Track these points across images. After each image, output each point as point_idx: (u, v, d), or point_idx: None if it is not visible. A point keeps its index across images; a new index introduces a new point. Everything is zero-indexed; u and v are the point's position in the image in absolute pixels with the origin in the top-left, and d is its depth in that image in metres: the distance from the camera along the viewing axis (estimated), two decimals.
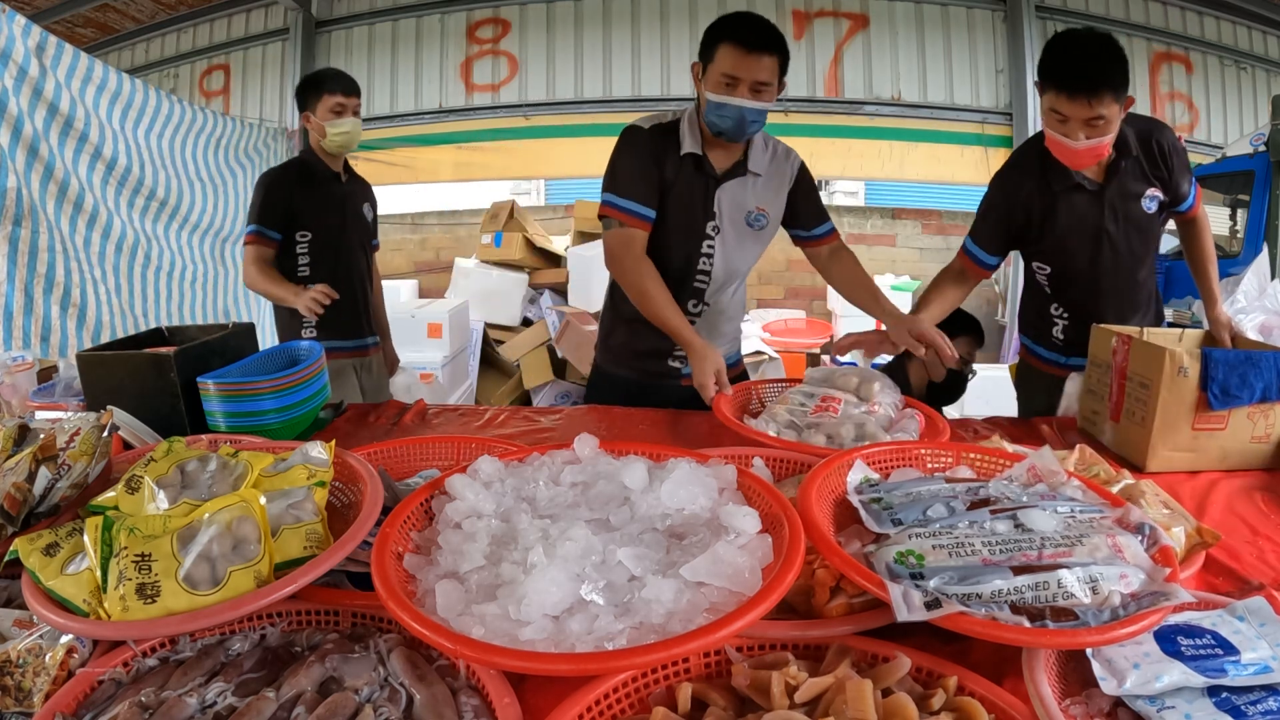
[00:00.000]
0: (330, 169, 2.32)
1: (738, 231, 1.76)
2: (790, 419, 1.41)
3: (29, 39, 2.55)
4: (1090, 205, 1.68)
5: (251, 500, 0.87)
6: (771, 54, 1.57)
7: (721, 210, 1.72)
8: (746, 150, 1.73)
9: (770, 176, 1.77)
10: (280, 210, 2.22)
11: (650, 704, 0.72)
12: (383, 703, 0.73)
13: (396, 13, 5.41)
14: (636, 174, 1.68)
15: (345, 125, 2.24)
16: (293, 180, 2.26)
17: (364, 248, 2.46)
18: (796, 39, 5.04)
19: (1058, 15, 4.97)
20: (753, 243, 1.80)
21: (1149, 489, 1.10)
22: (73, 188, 2.78)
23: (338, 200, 2.34)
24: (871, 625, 0.80)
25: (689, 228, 1.73)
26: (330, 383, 2.23)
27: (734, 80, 1.56)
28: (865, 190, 5.93)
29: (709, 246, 1.74)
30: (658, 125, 1.72)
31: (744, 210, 1.75)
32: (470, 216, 5.56)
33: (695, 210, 1.71)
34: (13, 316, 2.51)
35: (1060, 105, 1.48)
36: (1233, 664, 0.73)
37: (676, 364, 1.84)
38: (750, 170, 1.73)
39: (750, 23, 1.57)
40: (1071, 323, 1.84)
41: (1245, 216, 4.13)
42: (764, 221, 1.78)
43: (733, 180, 1.72)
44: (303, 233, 2.27)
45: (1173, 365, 1.33)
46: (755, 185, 1.75)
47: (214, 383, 1.42)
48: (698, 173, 1.70)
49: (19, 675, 0.77)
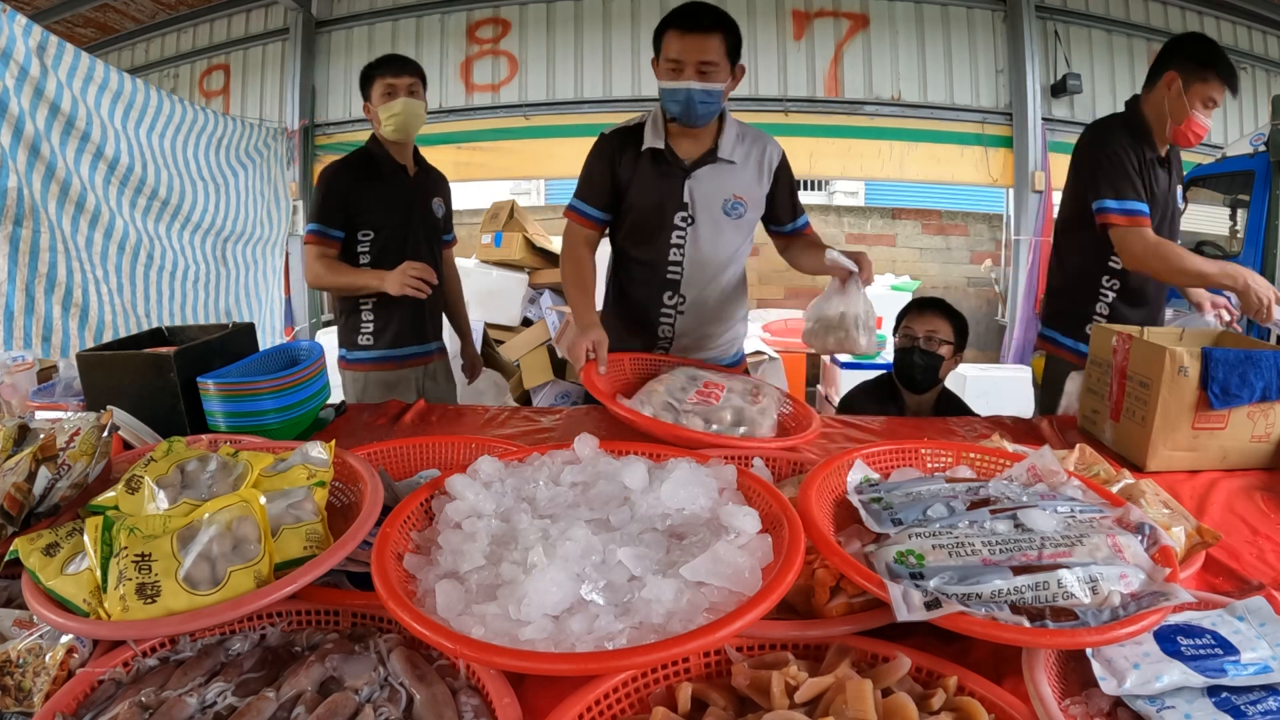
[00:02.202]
0: (395, 160, 2.16)
1: (714, 220, 1.76)
2: (668, 400, 1.41)
3: (30, 38, 2.55)
4: (1164, 179, 1.90)
5: (251, 500, 0.87)
6: (713, 33, 1.59)
7: (694, 199, 1.74)
8: (717, 138, 1.74)
9: (746, 164, 1.77)
10: (340, 207, 2.08)
11: (650, 704, 0.72)
12: (383, 703, 0.73)
13: (396, 13, 5.40)
14: (589, 177, 1.80)
15: (396, 106, 2.07)
16: (354, 174, 2.12)
17: (432, 246, 2.28)
18: (796, 39, 5.04)
19: (1058, 15, 4.97)
20: (732, 232, 1.80)
21: (1149, 488, 1.10)
22: (74, 187, 2.78)
23: (403, 195, 2.17)
24: (871, 625, 0.80)
25: (655, 220, 1.76)
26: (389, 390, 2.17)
27: (678, 64, 1.60)
28: (865, 190, 5.94)
29: (679, 237, 1.76)
30: (621, 128, 1.78)
31: (720, 198, 1.76)
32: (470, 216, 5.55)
33: (661, 202, 1.75)
34: (14, 316, 2.51)
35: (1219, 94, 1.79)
36: (1233, 664, 0.73)
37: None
38: (722, 158, 1.74)
39: (692, 7, 1.61)
40: (1119, 300, 1.91)
41: (1245, 216, 4.12)
42: (742, 209, 1.78)
43: (704, 168, 1.73)
44: (365, 231, 2.12)
45: (1173, 364, 1.33)
46: (730, 173, 1.75)
47: (214, 383, 1.42)
48: (661, 165, 1.73)
49: (19, 675, 0.77)
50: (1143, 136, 1.85)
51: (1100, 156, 1.83)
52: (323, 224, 2.08)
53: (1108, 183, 1.80)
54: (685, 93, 1.60)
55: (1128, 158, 1.81)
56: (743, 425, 1.38)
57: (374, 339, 2.19)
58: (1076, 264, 1.97)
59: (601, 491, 0.96)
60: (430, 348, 2.31)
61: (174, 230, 3.53)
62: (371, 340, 2.19)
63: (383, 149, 2.16)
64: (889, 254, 5.56)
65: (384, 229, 2.13)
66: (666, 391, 1.44)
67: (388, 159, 2.15)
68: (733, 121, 1.76)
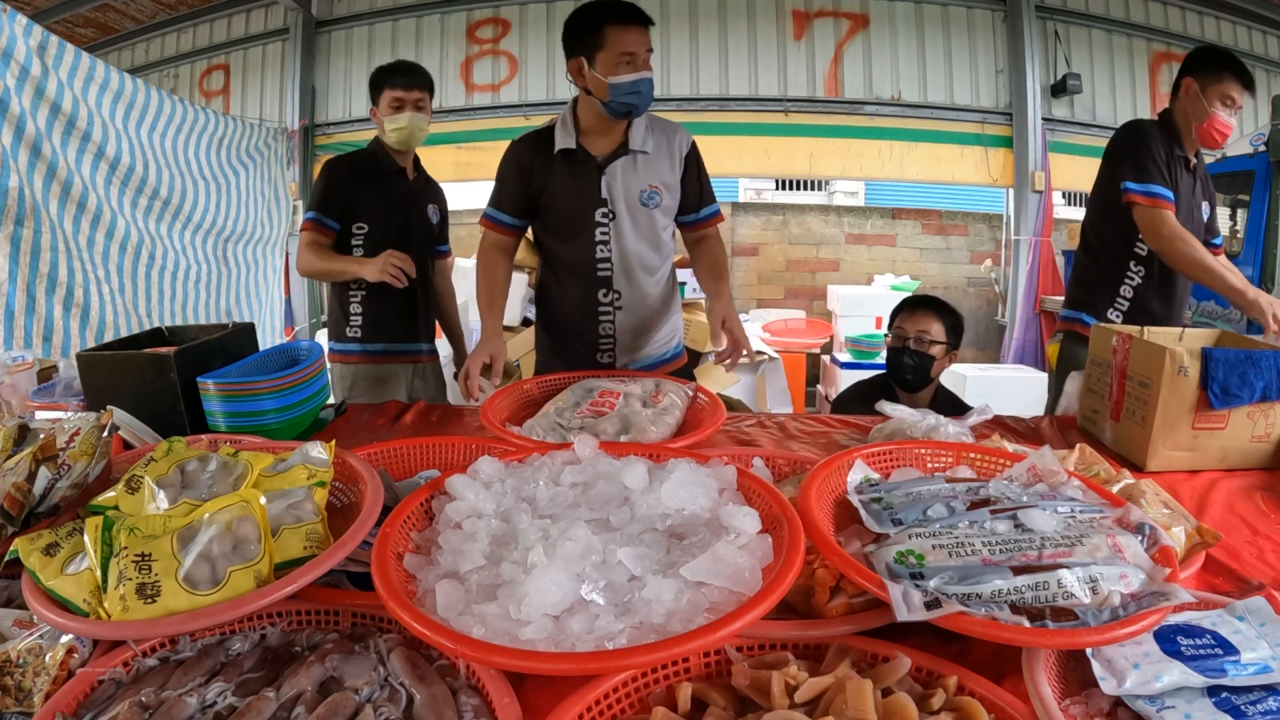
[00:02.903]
0: (395, 163, 2.22)
1: (633, 213, 1.79)
2: (556, 421, 1.40)
3: (30, 38, 2.55)
4: (1192, 180, 2.04)
5: (251, 500, 0.87)
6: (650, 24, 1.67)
7: (612, 194, 1.76)
8: (627, 131, 1.76)
9: (658, 153, 1.79)
10: (340, 199, 2.14)
11: (650, 704, 0.72)
12: (383, 703, 0.73)
13: (396, 13, 5.40)
14: (501, 184, 1.83)
15: (401, 120, 2.13)
16: (356, 170, 2.18)
17: (424, 250, 2.30)
18: (796, 39, 5.04)
19: (1058, 15, 4.96)
20: (653, 222, 1.82)
21: (1149, 488, 1.10)
22: (75, 187, 2.78)
23: (400, 197, 2.22)
24: (871, 625, 0.80)
25: (578, 218, 1.78)
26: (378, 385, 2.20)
27: (632, 55, 1.63)
28: (865, 190, 5.93)
29: (603, 234, 1.78)
30: (530, 134, 1.81)
31: (636, 189, 1.78)
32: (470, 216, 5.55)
33: (581, 201, 1.77)
34: (15, 316, 2.51)
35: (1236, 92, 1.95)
36: (1232, 664, 0.73)
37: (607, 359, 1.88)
38: (633, 149, 1.76)
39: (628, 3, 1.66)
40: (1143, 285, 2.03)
41: (1245, 216, 4.12)
42: (659, 199, 1.80)
43: (617, 162, 1.75)
44: (359, 225, 2.17)
45: (1173, 364, 1.33)
46: (643, 163, 1.78)
47: (214, 383, 1.42)
48: (575, 165, 1.75)
49: (19, 675, 0.77)
50: (1173, 135, 2.00)
51: (1131, 141, 1.99)
52: (320, 213, 2.12)
53: (1133, 165, 1.94)
54: (648, 82, 1.65)
55: (1155, 148, 1.95)
56: (627, 433, 1.35)
57: (361, 331, 2.21)
58: (1105, 248, 2.08)
59: (601, 492, 0.96)
60: (419, 348, 2.33)
61: (174, 230, 3.53)
62: (359, 333, 2.21)
63: (385, 151, 2.21)
64: (889, 254, 5.56)
65: (378, 224, 2.17)
66: (556, 412, 1.43)
67: (389, 160, 2.21)
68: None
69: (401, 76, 2.17)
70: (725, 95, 4.99)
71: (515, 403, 1.60)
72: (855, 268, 5.56)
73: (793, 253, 5.59)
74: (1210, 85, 1.94)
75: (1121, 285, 2.05)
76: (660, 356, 1.93)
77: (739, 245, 5.56)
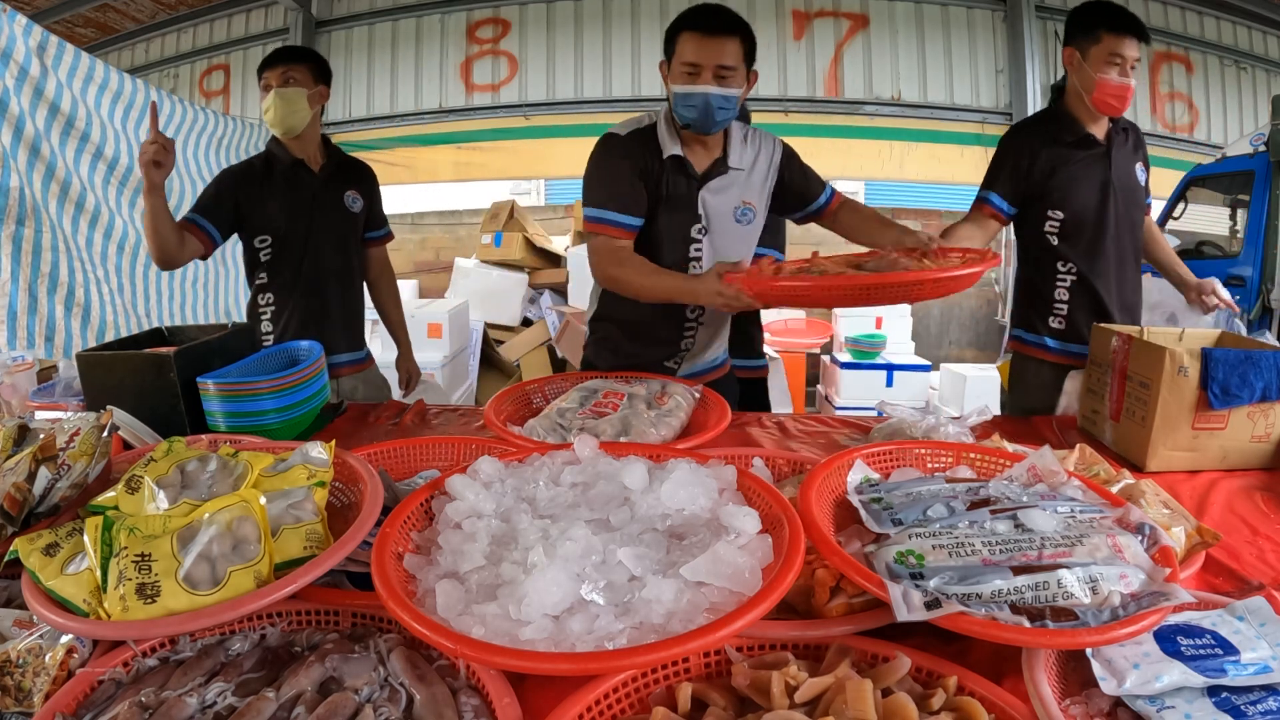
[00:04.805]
0: (291, 155, 2.01)
1: (726, 229, 1.72)
2: (557, 422, 1.39)
3: (30, 38, 2.55)
4: (1099, 159, 1.86)
5: (251, 500, 0.87)
6: (731, 36, 1.53)
7: (707, 211, 1.69)
8: (725, 146, 1.69)
9: (754, 170, 1.73)
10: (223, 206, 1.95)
11: (650, 704, 0.72)
12: (383, 703, 0.73)
13: (396, 13, 5.41)
14: (624, 183, 1.63)
15: (266, 102, 1.93)
16: (250, 178, 1.99)
17: (344, 243, 2.11)
18: (796, 39, 5.04)
19: (1058, 15, 4.96)
20: (743, 238, 1.76)
21: (1149, 489, 1.10)
22: (74, 187, 2.78)
23: (303, 192, 2.02)
24: (871, 625, 0.80)
25: (676, 232, 1.69)
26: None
27: (696, 67, 1.53)
28: (865, 190, 5.92)
29: (696, 250, 1.71)
30: (636, 131, 1.67)
31: (731, 207, 1.71)
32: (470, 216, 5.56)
33: (681, 214, 1.68)
34: (17, 316, 2.51)
35: (1121, 48, 1.74)
36: (1233, 664, 0.73)
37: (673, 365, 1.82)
38: (732, 167, 1.69)
39: (708, 9, 1.54)
40: (1077, 285, 1.88)
41: (1245, 216, 4.12)
42: (751, 215, 1.74)
43: (715, 179, 1.68)
44: (261, 238, 2.01)
45: (1173, 364, 1.33)
46: (739, 180, 1.71)
47: (214, 383, 1.42)
48: (681, 175, 1.66)
49: (19, 675, 0.77)
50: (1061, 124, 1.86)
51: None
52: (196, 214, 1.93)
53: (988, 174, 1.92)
54: (703, 98, 1.53)
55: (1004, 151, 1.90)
56: (627, 435, 1.34)
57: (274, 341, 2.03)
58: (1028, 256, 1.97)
59: (601, 492, 0.96)
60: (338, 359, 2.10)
61: None
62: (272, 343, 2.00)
63: (281, 147, 2.03)
64: None
65: (280, 230, 2.01)
66: (557, 413, 1.42)
67: (285, 156, 2.02)
68: (737, 125, 1.71)
69: (272, 57, 1.98)
70: None
71: (519, 402, 1.59)
72: None
73: (793, 252, 5.57)
74: (1089, 49, 1.77)
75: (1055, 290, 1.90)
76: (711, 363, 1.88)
77: None
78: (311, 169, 2.06)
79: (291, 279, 2.03)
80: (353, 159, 2.23)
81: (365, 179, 2.21)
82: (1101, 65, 1.75)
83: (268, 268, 2.04)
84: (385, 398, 2.25)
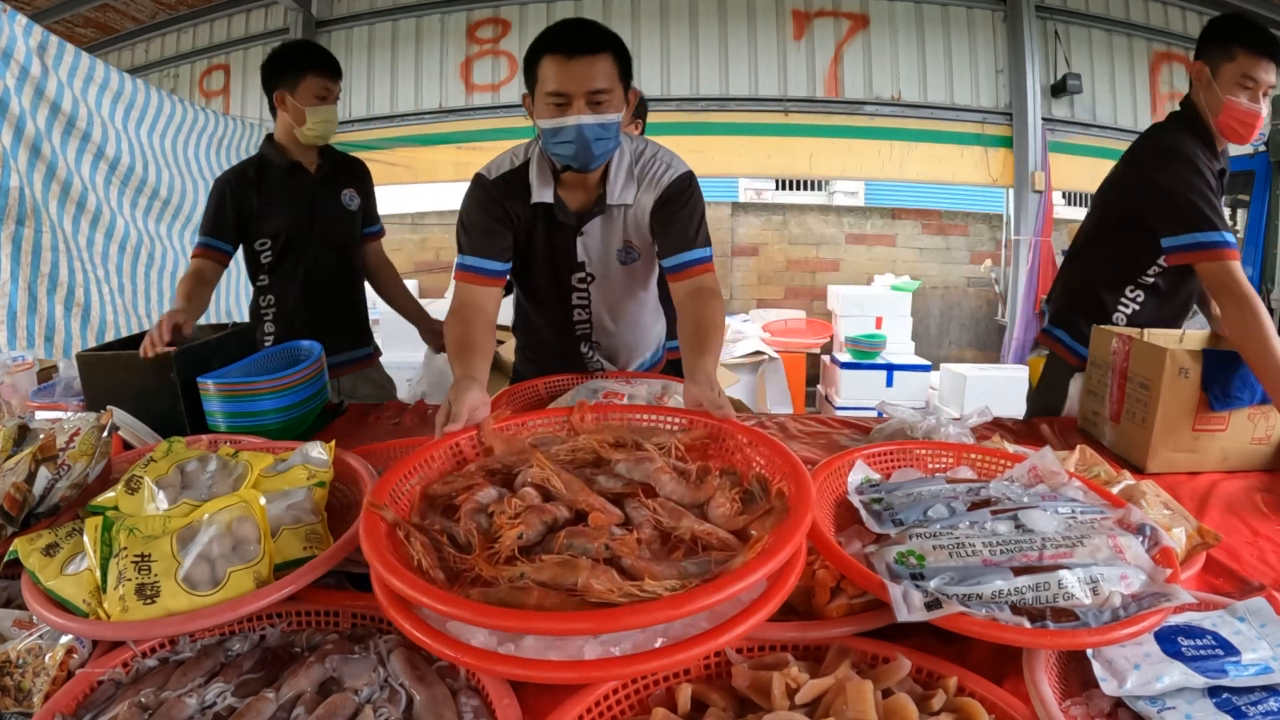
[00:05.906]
0: (287, 157, 2.00)
1: (610, 272, 1.58)
2: None
3: (30, 38, 2.55)
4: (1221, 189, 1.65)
5: (251, 500, 0.87)
6: (600, 55, 1.31)
7: (589, 255, 1.54)
8: (604, 182, 1.48)
9: (637, 204, 1.51)
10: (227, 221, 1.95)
11: (650, 705, 0.72)
12: (382, 703, 0.73)
13: (396, 13, 5.40)
14: (480, 229, 1.48)
15: (328, 113, 1.93)
16: (245, 182, 1.97)
17: (344, 242, 2.12)
18: (796, 39, 5.04)
19: (1058, 15, 4.96)
20: (626, 283, 1.61)
21: (1149, 490, 1.10)
22: (75, 187, 2.78)
23: (302, 194, 2.02)
24: (872, 626, 0.80)
25: (554, 281, 1.58)
26: None
27: (564, 96, 1.31)
28: (865, 190, 5.93)
29: (580, 298, 1.59)
30: (504, 174, 1.50)
31: (613, 249, 1.55)
32: None
33: (556, 263, 1.55)
34: (17, 316, 2.51)
35: (1256, 70, 1.54)
36: (1233, 665, 0.73)
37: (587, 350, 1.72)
38: (610, 204, 1.49)
39: (569, 26, 1.33)
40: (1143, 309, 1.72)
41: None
42: (636, 255, 1.56)
43: (593, 221, 1.51)
44: (262, 241, 2.01)
45: (1173, 366, 1.33)
46: (621, 218, 1.52)
47: (214, 383, 1.42)
48: (553, 223, 1.50)
49: (19, 675, 0.77)
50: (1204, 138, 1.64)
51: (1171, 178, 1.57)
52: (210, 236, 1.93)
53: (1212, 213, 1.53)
54: (575, 130, 1.31)
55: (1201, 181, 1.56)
56: None
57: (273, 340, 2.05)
58: (1102, 267, 1.76)
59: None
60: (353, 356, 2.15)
61: (174, 230, 3.53)
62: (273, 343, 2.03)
63: (276, 149, 2.01)
64: (889, 254, 5.56)
65: (281, 234, 2.00)
66: None
67: (282, 159, 2.00)
68: (625, 154, 1.48)
69: (329, 64, 1.93)
70: (725, 95, 4.99)
71: (521, 402, 1.59)
72: (855, 268, 5.56)
73: (793, 253, 5.58)
74: (1221, 66, 1.57)
75: (1115, 313, 1.74)
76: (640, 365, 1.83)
77: (739, 245, 5.56)
78: (309, 170, 2.05)
79: (293, 280, 2.04)
80: (346, 156, 2.21)
81: (360, 176, 2.20)
82: (1233, 87, 1.57)
83: (269, 270, 2.06)
84: (388, 396, 2.25)
